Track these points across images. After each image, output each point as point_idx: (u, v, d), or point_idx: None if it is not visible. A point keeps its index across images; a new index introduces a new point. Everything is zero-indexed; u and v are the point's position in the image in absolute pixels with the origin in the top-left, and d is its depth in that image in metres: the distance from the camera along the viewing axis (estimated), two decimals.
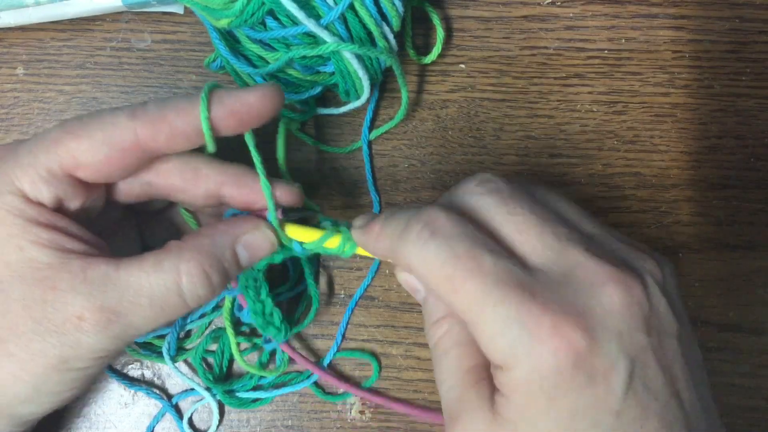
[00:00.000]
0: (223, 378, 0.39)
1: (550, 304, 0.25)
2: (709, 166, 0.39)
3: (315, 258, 0.39)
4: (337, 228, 0.32)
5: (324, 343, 0.40)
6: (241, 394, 0.39)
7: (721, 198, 0.39)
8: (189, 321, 0.39)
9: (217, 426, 0.39)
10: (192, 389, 0.39)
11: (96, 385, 0.40)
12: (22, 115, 0.41)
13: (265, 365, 0.39)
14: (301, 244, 0.32)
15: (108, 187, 0.31)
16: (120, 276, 0.27)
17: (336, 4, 0.32)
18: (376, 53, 0.34)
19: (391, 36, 0.35)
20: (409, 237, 0.27)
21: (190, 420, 0.39)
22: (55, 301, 0.26)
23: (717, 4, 0.39)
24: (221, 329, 0.39)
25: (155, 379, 0.40)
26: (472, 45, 0.40)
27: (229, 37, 0.36)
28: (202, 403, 0.39)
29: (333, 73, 0.36)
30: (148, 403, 0.39)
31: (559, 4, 0.40)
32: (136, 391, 0.39)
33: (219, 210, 0.34)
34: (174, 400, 0.39)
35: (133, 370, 0.40)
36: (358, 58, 0.34)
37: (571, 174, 0.39)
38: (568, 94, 0.39)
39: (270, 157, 0.32)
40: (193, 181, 0.30)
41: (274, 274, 0.39)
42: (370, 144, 0.40)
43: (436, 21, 0.39)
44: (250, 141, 0.30)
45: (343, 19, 0.33)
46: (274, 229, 0.31)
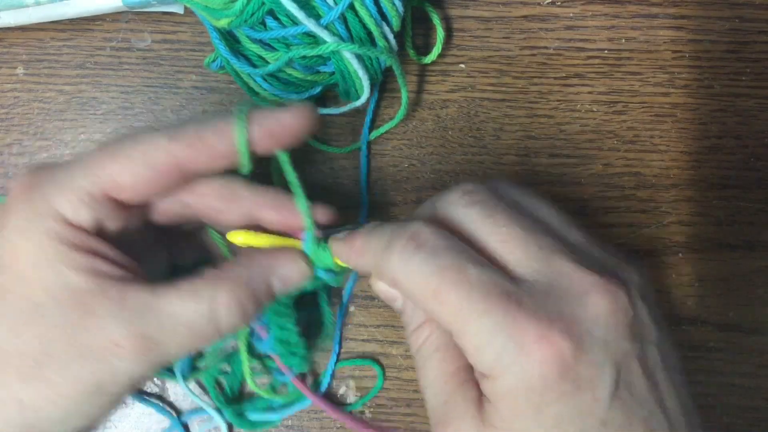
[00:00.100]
0: (234, 400, 0.39)
1: (536, 313, 0.25)
2: (709, 166, 0.39)
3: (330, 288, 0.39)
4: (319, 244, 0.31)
5: (323, 351, 0.40)
6: (252, 416, 0.39)
7: (721, 198, 0.39)
8: None
9: None
10: (202, 409, 0.39)
11: None
12: (22, 115, 0.41)
13: (276, 389, 0.39)
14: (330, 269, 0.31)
15: (146, 208, 0.31)
16: (158, 303, 0.27)
17: (336, 4, 0.32)
18: (376, 53, 0.34)
19: (391, 36, 0.35)
20: (394, 251, 0.27)
21: None
22: (92, 326, 0.26)
23: (717, 4, 0.39)
24: (235, 351, 0.39)
25: (167, 396, 0.40)
26: (472, 45, 0.40)
27: (229, 37, 0.36)
28: (213, 424, 0.39)
29: (333, 73, 0.36)
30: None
31: (559, 4, 0.40)
32: (147, 408, 0.39)
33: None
34: (183, 419, 0.39)
35: (146, 386, 0.40)
36: (358, 58, 0.34)
37: (571, 174, 0.39)
38: (568, 94, 0.39)
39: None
40: (230, 203, 0.31)
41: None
42: (369, 145, 0.40)
43: (436, 21, 0.39)
44: (285, 163, 0.30)
45: (343, 19, 0.33)
46: (308, 261, 0.31)
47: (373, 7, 0.33)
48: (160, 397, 0.40)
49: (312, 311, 0.39)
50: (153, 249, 0.34)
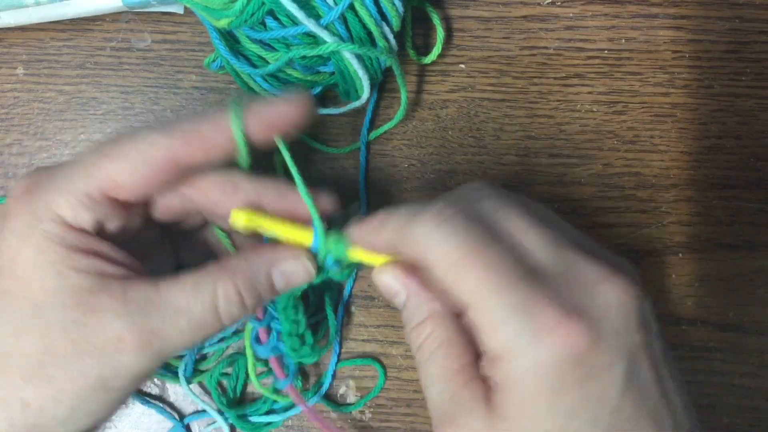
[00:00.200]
0: (236, 402, 0.39)
1: (555, 299, 0.25)
2: (709, 166, 0.39)
3: (336, 288, 0.39)
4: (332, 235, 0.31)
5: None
6: (254, 419, 0.39)
7: (721, 198, 0.39)
8: (207, 344, 0.39)
9: None
10: (204, 411, 0.39)
11: None
12: (22, 115, 0.41)
13: (279, 391, 0.39)
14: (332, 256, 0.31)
15: (147, 206, 0.31)
16: (160, 297, 0.28)
17: (336, 4, 0.32)
18: (376, 53, 0.34)
19: (391, 36, 0.35)
20: (422, 220, 0.27)
21: None
22: (95, 323, 0.27)
23: (717, 4, 0.39)
24: (237, 353, 0.39)
25: (168, 397, 0.40)
26: (472, 45, 0.40)
27: (229, 37, 0.36)
28: (215, 426, 0.39)
29: (333, 73, 0.36)
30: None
31: (559, 4, 0.40)
32: (149, 409, 0.39)
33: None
34: (186, 421, 0.39)
35: (147, 387, 0.40)
36: (358, 58, 0.34)
37: (571, 174, 0.39)
38: (568, 94, 0.39)
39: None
40: (232, 195, 0.31)
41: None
42: (368, 145, 0.40)
43: (436, 21, 0.39)
44: (285, 151, 0.30)
45: (343, 19, 0.33)
46: (313, 259, 0.31)
47: (373, 7, 0.33)
48: (161, 399, 0.40)
49: (316, 314, 0.39)
50: (158, 249, 0.34)
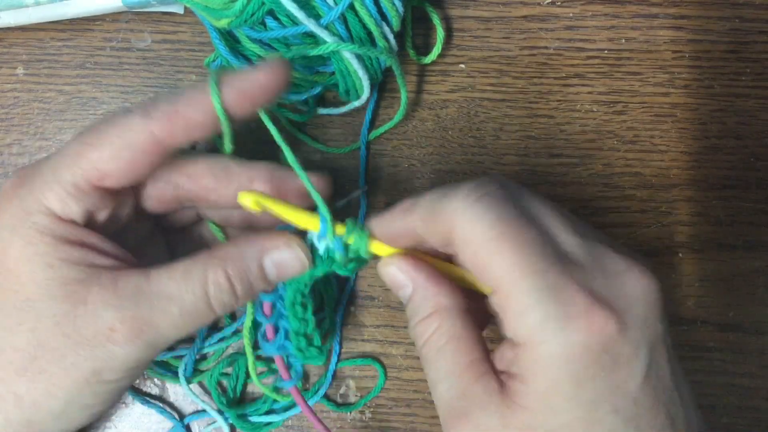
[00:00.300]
0: (236, 402, 0.39)
1: (584, 285, 0.25)
2: (709, 166, 0.39)
3: (337, 288, 0.39)
4: (353, 226, 0.30)
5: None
6: (254, 419, 0.39)
7: (721, 198, 0.39)
8: (207, 344, 0.39)
9: None
10: (204, 411, 0.39)
11: None
12: (22, 115, 0.41)
13: (279, 390, 0.39)
14: (345, 244, 0.30)
15: (139, 195, 0.31)
16: (150, 286, 0.27)
17: (336, 4, 0.32)
18: (376, 53, 0.34)
19: (391, 36, 0.35)
20: (458, 196, 0.26)
21: None
22: (85, 315, 0.27)
23: (717, 4, 0.39)
24: (237, 353, 0.39)
25: (168, 398, 0.40)
26: (472, 45, 0.40)
27: (229, 37, 0.36)
28: (215, 426, 0.39)
29: (333, 73, 0.36)
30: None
31: (559, 4, 0.40)
32: (149, 409, 0.39)
33: (248, 218, 0.33)
34: (186, 421, 0.39)
35: (147, 387, 0.40)
36: (358, 58, 0.34)
37: (571, 174, 0.39)
38: (568, 94, 0.39)
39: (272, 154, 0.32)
40: (224, 180, 0.30)
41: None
42: (368, 145, 0.40)
43: (436, 21, 0.39)
44: (271, 126, 0.29)
45: (343, 19, 0.33)
46: (306, 248, 0.30)
47: (373, 7, 0.33)
48: (161, 399, 0.40)
49: (317, 314, 0.39)
50: (152, 244, 0.34)
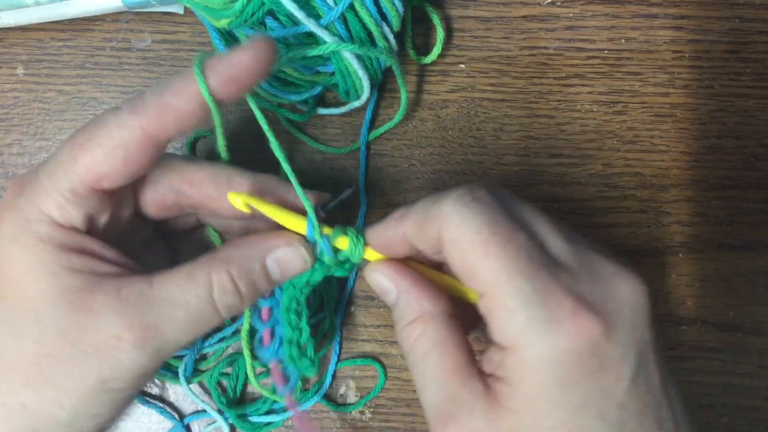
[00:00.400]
0: (236, 402, 0.39)
1: (571, 290, 0.25)
2: (709, 166, 0.39)
3: (337, 288, 0.39)
4: (345, 230, 0.31)
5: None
6: (254, 419, 0.39)
7: (721, 198, 0.39)
8: (207, 344, 0.39)
9: None
10: (204, 411, 0.39)
11: None
12: (22, 115, 0.41)
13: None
14: (332, 246, 0.30)
15: (139, 200, 0.31)
16: (154, 291, 0.27)
17: (336, 4, 0.32)
18: (376, 53, 0.34)
19: (391, 36, 0.35)
20: (448, 198, 0.27)
21: None
22: (91, 323, 0.26)
23: (717, 4, 0.39)
24: (237, 353, 0.39)
25: (168, 397, 0.40)
26: (472, 45, 0.40)
27: (229, 37, 0.36)
28: (214, 426, 0.39)
29: (333, 73, 0.36)
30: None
31: (559, 4, 0.40)
32: (149, 409, 0.39)
33: (248, 225, 0.33)
34: (186, 421, 0.39)
35: (147, 387, 0.40)
36: (358, 58, 0.34)
37: (571, 174, 0.39)
38: (568, 94, 0.39)
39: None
40: (226, 189, 0.30)
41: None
42: (368, 145, 0.40)
43: (436, 21, 0.39)
44: (278, 152, 0.29)
45: (343, 19, 0.33)
46: (308, 247, 0.30)
47: (373, 7, 0.33)
48: (161, 399, 0.40)
49: (316, 315, 0.39)
50: (153, 249, 0.34)
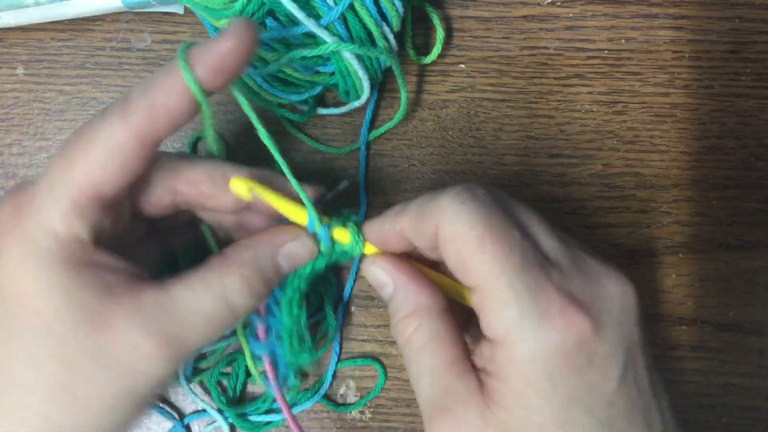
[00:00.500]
0: (236, 401, 0.39)
1: (562, 287, 0.26)
2: (709, 166, 0.39)
3: (337, 288, 0.39)
4: (344, 222, 0.31)
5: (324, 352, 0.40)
6: (254, 418, 0.39)
7: (721, 198, 0.39)
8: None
9: None
10: (204, 410, 0.39)
11: None
12: (22, 115, 0.41)
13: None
14: (331, 236, 0.31)
15: (135, 199, 0.30)
16: (172, 300, 0.27)
17: (336, 4, 0.32)
18: (376, 53, 0.34)
19: (391, 36, 0.35)
20: (444, 197, 0.28)
21: None
22: (111, 336, 0.26)
23: (717, 4, 0.39)
24: (236, 353, 0.39)
25: (168, 397, 0.40)
26: (472, 45, 0.40)
27: None
28: (214, 426, 0.39)
29: (333, 73, 0.36)
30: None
31: (559, 4, 0.40)
32: (149, 409, 0.39)
33: (241, 219, 0.33)
34: (186, 420, 0.39)
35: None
36: (358, 58, 0.34)
37: (571, 174, 0.39)
38: (568, 94, 0.39)
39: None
40: (223, 187, 0.30)
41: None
42: (368, 145, 0.40)
43: (436, 21, 0.39)
44: (273, 148, 0.29)
45: (343, 19, 0.33)
46: (311, 237, 0.31)
47: (373, 7, 0.33)
48: (161, 399, 0.40)
49: (316, 315, 0.39)
50: (145, 244, 0.34)
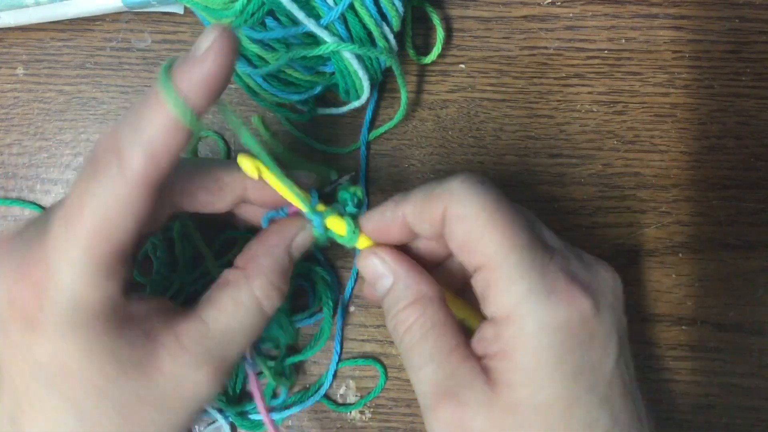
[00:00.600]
0: (235, 400, 0.39)
1: (563, 269, 0.27)
2: (709, 166, 0.39)
3: (337, 288, 0.40)
4: (340, 212, 0.32)
5: (324, 351, 0.40)
6: (254, 416, 0.39)
7: (721, 198, 0.39)
8: None
9: None
10: (204, 410, 0.39)
11: None
12: (22, 115, 0.41)
13: (283, 374, 0.39)
14: (324, 224, 0.31)
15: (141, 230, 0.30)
16: (211, 331, 0.28)
17: (336, 4, 0.32)
18: (376, 53, 0.34)
19: (391, 36, 0.35)
20: (454, 179, 0.29)
21: None
22: (161, 378, 0.27)
23: (717, 4, 0.39)
24: None
25: None
26: (472, 45, 0.40)
27: None
28: (215, 426, 0.39)
29: (333, 73, 0.36)
30: None
31: (559, 4, 0.40)
32: None
33: (235, 210, 0.33)
34: None
35: None
36: (358, 58, 0.34)
37: (571, 174, 0.39)
38: (568, 94, 0.39)
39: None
40: (218, 194, 0.31)
41: (296, 302, 0.40)
42: (368, 145, 0.40)
43: (436, 21, 0.39)
44: (262, 155, 0.29)
45: (343, 19, 0.33)
46: (311, 224, 0.31)
47: (373, 7, 0.33)
48: None
49: (317, 317, 0.39)
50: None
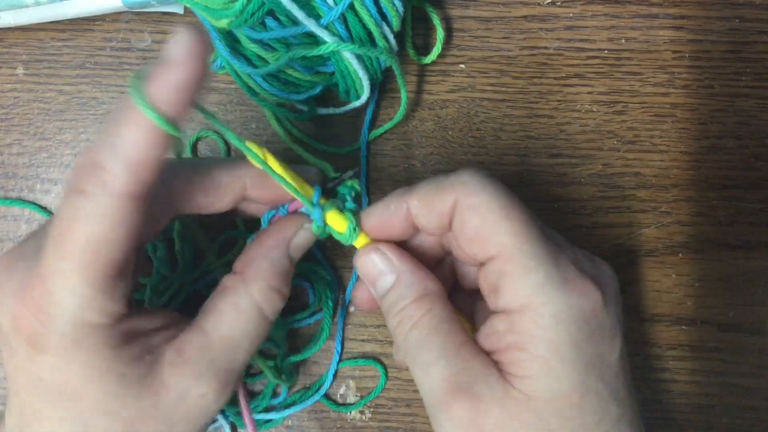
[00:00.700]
0: (236, 399, 0.39)
1: (574, 260, 0.28)
2: (709, 166, 0.39)
3: (337, 288, 0.40)
4: (340, 206, 0.31)
5: (324, 351, 0.40)
6: (254, 416, 0.39)
7: (721, 198, 0.39)
8: None
9: None
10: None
11: None
12: (22, 115, 0.41)
13: (282, 371, 0.39)
14: (324, 212, 0.31)
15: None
16: (210, 339, 0.28)
17: (336, 4, 0.32)
18: (376, 53, 0.34)
19: (391, 36, 0.35)
20: (465, 172, 0.29)
21: None
22: (166, 392, 0.27)
23: (717, 4, 0.39)
24: None
25: None
26: (472, 45, 0.40)
27: (229, 37, 0.36)
28: (216, 426, 0.39)
29: (333, 73, 0.36)
30: None
31: (559, 4, 0.40)
32: None
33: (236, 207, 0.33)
34: None
35: None
36: (358, 58, 0.34)
37: (571, 174, 0.39)
38: (568, 94, 0.39)
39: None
40: (217, 195, 0.30)
41: (296, 302, 0.40)
42: (368, 145, 0.40)
43: (436, 21, 0.39)
44: (260, 159, 0.29)
45: (343, 19, 0.33)
46: (310, 223, 0.31)
47: (373, 7, 0.33)
48: None
49: (316, 314, 0.39)
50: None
